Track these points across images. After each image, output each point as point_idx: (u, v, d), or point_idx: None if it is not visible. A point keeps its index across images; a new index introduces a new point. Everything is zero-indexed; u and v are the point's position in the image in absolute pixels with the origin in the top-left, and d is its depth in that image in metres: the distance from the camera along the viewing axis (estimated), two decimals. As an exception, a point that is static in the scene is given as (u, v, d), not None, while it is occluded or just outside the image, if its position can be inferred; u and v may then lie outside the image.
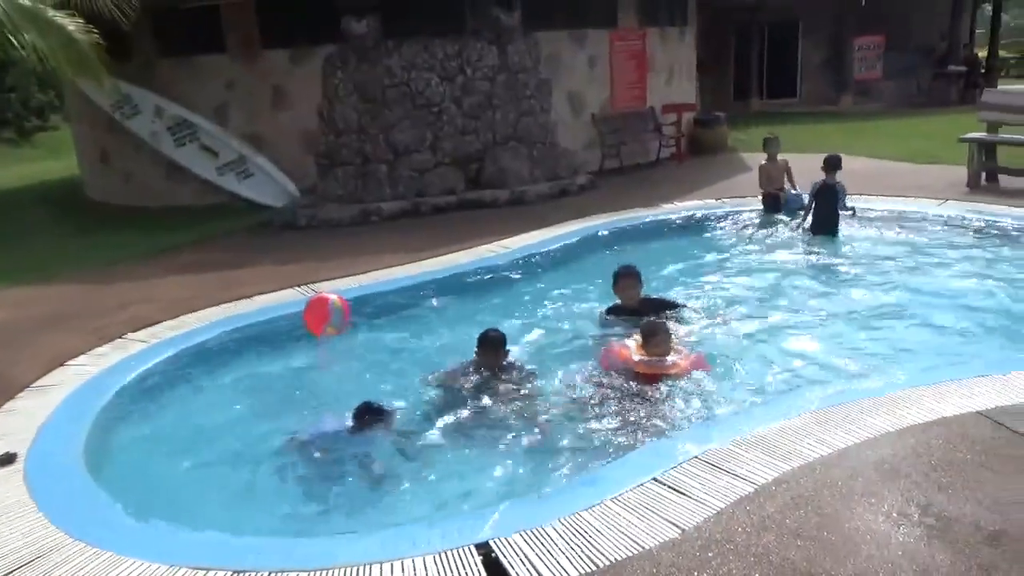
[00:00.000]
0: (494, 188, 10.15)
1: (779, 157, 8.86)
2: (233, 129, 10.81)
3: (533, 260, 7.27)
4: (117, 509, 3.38)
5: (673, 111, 12.93)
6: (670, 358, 4.53)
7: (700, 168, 11.97)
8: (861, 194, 8.84)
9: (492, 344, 4.63)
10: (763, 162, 8.90)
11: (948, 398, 3.79)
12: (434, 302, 6.38)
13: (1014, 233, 7.15)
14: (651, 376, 4.44)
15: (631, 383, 4.44)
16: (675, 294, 6.07)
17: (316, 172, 10.38)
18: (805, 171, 8.55)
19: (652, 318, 4.96)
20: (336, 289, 6.10)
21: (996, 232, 7.26)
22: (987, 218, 7.54)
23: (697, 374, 4.46)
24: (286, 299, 6.23)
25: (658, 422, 4.03)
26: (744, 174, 11.22)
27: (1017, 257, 6.64)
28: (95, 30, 8.62)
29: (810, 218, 7.73)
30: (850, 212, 7.76)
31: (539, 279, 6.92)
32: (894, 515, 2.90)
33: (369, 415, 4.15)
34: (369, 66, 10.10)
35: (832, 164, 7.73)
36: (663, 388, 4.38)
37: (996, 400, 3.74)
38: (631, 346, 4.68)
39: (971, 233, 7.36)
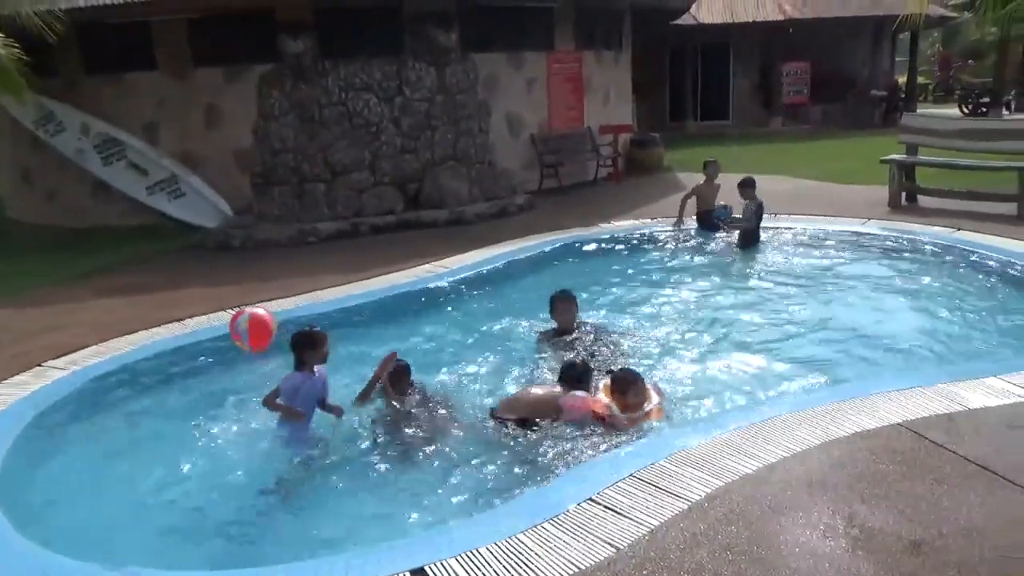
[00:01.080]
0: (433, 208, 10.13)
1: (715, 180, 9.09)
2: (164, 147, 10.55)
3: (472, 280, 7.27)
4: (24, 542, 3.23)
5: (610, 132, 13.17)
6: (647, 405, 4.22)
7: (637, 188, 12.20)
8: (790, 214, 9.14)
9: (399, 372, 4.63)
10: (700, 183, 9.11)
11: (872, 411, 3.92)
12: (372, 323, 6.31)
13: (931, 251, 7.47)
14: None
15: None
16: (611, 313, 6.14)
17: (251, 192, 10.19)
18: (731, 190, 8.82)
19: (593, 349, 4.89)
20: (272, 311, 5.96)
21: (915, 250, 7.58)
22: (907, 236, 7.87)
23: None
24: (219, 322, 6.07)
25: (595, 440, 4.05)
26: (680, 193, 11.47)
27: (934, 274, 6.94)
28: (16, 44, 8.33)
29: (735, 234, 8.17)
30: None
31: (478, 299, 6.92)
32: (821, 527, 2.97)
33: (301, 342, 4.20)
34: (306, 85, 10.00)
35: (751, 184, 8.27)
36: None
37: (917, 412, 3.88)
38: (603, 399, 4.28)
39: (892, 251, 7.66)
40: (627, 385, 4.23)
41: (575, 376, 4.45)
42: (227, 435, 4.46)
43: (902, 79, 24.49)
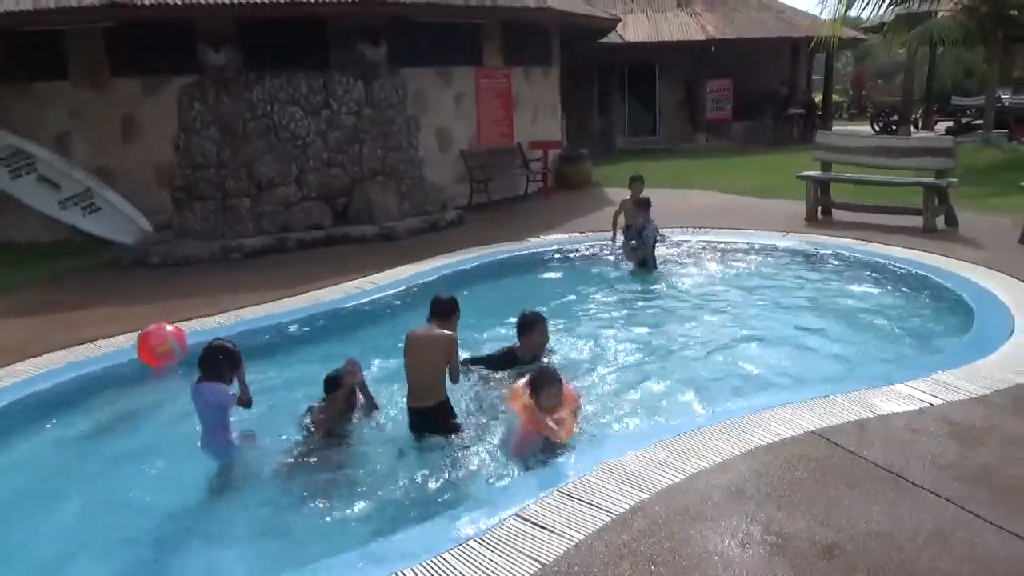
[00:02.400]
0: (362, 223, 10.02)
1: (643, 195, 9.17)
2: (78, 161, 10.14)
3: (402, 295, 7.20)
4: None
5: (540, 147, 13.31)
6: (564, 411, 4.09)
7: (566, 203, 12.34)
8: (714, 227, 9.40)
9: (332, 386, 4.55)
10: (626, 199, 9.18)
11: (789, 420, 4.04)
12: (299, 341, 6.18)
13: (845, 262, 7.79)
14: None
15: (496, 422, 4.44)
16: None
17: (172, 206, 9.87)
18: (658, 206, 9.01)
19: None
20: (193, 329, 5.78)
21: (831, 261, 7.89)
22: (822, 249, 8.19)
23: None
24: (134, 342, 5.83)
25: (517, 454, 4.05)
26: (609, 207, 11.65)
27: (847, 284, 7.23)
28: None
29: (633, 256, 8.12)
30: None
31: (408, 314, 6.83)
32: (739, 535, 3.05)
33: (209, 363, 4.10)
34: (229, 98, 9.76)
35: (647, 205, 8.22)
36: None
37: (830, 420, 4.03)
38: (528, 403, 4.09)
39: (808, 263, 7.95)
40: (544, 383, 4.05)
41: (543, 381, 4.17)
42: (134, 460, 4.29)
43: (819, 97, 25.56)
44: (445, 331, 4.39)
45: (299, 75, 10.04)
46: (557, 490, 3.43)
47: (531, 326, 5.11)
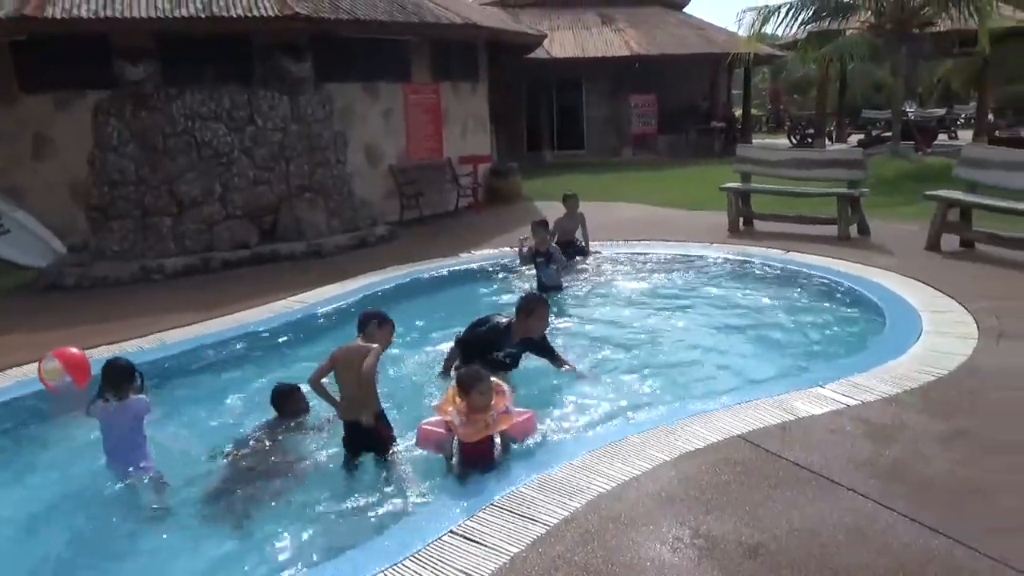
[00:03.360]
0: (290, 241, 9.85)
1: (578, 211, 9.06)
2: (-16, 181, 9.67)
3: (333, 313, 7.10)
4: None
5: (469, 162, 13.36)
6: (494, 413, 3.95)
7: (497, 217, 12.41)
8: (640, 239, 9.61)
9: (278, 397, 4.45)
10: (560, 216, 9.07)
11: (716, 425, 4.15)
12: (224, 363, 6.02)
13: (766, 270, 8.07)
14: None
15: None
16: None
17: (88, 227, 9.50)
18: (587, 218, 9.15)
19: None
20: (112, 354, 5.55)
21: (752, 270, 8.16)
22: (744, 258, 8.46)
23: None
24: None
25: (455, 470, 4.04)
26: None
27: (769, 291, 7.49)
28: None
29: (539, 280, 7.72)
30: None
31: (340, 333, 6.73)
32: (670, 540, 3.11)
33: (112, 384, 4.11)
34: (148, 114, 9.48)
35: (544, 226, 8.12)
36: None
37: (754, 424, 4.16)
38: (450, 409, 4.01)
39: (730, 272, 8.20)
40: (471, 383, 3.93)
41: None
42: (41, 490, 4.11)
43: (739, 111, 26.48)
44: (369, 344, 4.35)
45: (222, 90, 9.84)
46: (491, 504, 3.43)
47: (529, 310, 5.21)
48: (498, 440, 4.06)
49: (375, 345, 4.31)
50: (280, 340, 6.53)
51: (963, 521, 3.17)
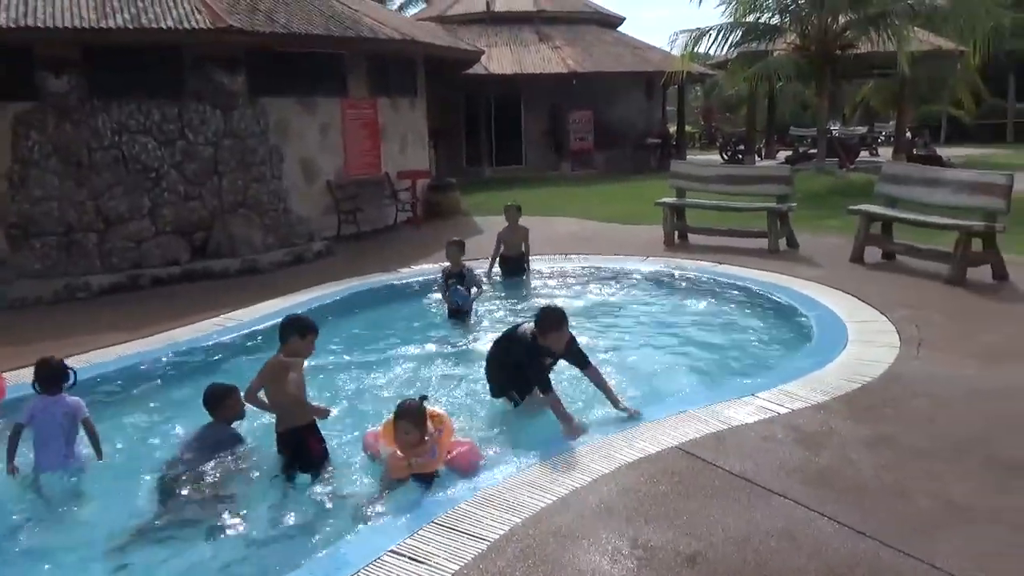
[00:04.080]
0: (223, 257, 9.62)
1: (520, 224, 8.93)
2: None
3: (268, 331, 6.94)
4: None
5: (408, 177, 13.31)
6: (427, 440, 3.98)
7: (436, 232, 12.36)
8: (579, 253, 9.72)
9: (214, 398, 4.46)
10: (502, 228, 8.95)
11: (653, 437, 4.22)
12: (153, 384, 5.83)
13: (701, 283, 8.25)
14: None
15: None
16: (410, 359, 6.14)
17: (6, 244, 9.09)
18: (541, 239, 9.20)
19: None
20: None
21: (687, 283, 8.34)
22: (680, 271, 8.64)
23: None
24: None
25: (391, 487, 4.00)
26: (478, 236, 11.79)
27: (703, 303, 7.67)
28: None
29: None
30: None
31: (274, 350, 6.61)
32: (609, 551, 3.14)
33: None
34: (72, 127, 9.17)
35: (460, 246, 7.60)
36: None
37: (690, 434, 4.24)
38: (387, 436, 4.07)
39: (666, 285, 8.37)
40: (397, 416, 3.97)
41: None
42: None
43: (673, 128, 27.11)
44: (291, 359, 4.29)
45: (151, 103, 9.58)
46: (432, 522, 3.41)
47: (544, 328, 4.66)
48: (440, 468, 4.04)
49: (296, 359, 4.26)
50: (213, 358, 6.36)
51: (888, 523, 3.29)
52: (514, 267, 8.82)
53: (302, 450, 4.22)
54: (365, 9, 13.64)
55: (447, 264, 7.58)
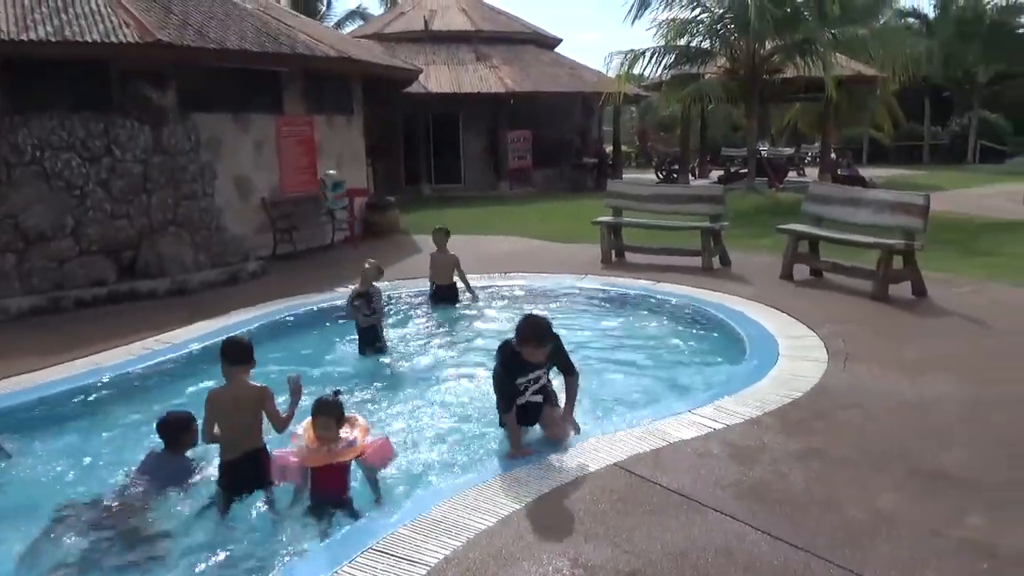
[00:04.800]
0: (152, 278, 9.31)
1: (449, 251, 8.51)
2: None
3: (200, 353, 6.74)
4: None
5: (345, 196, 13.17)
6: (343, 441, 4.05)
7: (374, 251, 12.19)
8: (518, 271, 9.76)
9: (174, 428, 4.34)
10: (433, 252, 8.65)
11: (593, 455, 4.24)
12: (76, 412, 5.58)
13: (639, 300, 8.37)
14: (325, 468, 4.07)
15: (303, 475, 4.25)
16: (336, 376, 6.05)
17: (-84, 265, 8.61)
18: (465, 252, 9.18)
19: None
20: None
21: (625, 300, 8.45)
22: (617, 289, 8.76)
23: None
24: None
25: (331, 515, 3.92)
26: (416, 255, 11.75)
27: (640, 321, 7.79)
28: None
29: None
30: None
31: (208, 375, 6.40)
32: (550, 572, 3.13)
33: None
34: (-11, 142, 8.76)
35: (377, 273, 7.19)
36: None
37: (629, 451, 4.28)
38: (302, 433, 4.13)
39: (604, 303, 8.46)
40: (314, 411, 4.05)
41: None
42: None
43: (610, 147, 27.59)
44: (255, 384, 4.24)
45: (75, 118, 9.24)
46: (371, 548, 3.34)
47: (526, 335, 4.38)
48: (359, 475, 4.08)
49: (262, 385, 4.23)
50: (142, 384, 6.13)
51: (819, 535, 3.38)
52: (444, 294, 8.42)
53: (255, 473, 4.13)
54: (301, 26, 13.52)
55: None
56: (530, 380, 4.49)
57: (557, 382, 4.77)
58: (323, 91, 13.12)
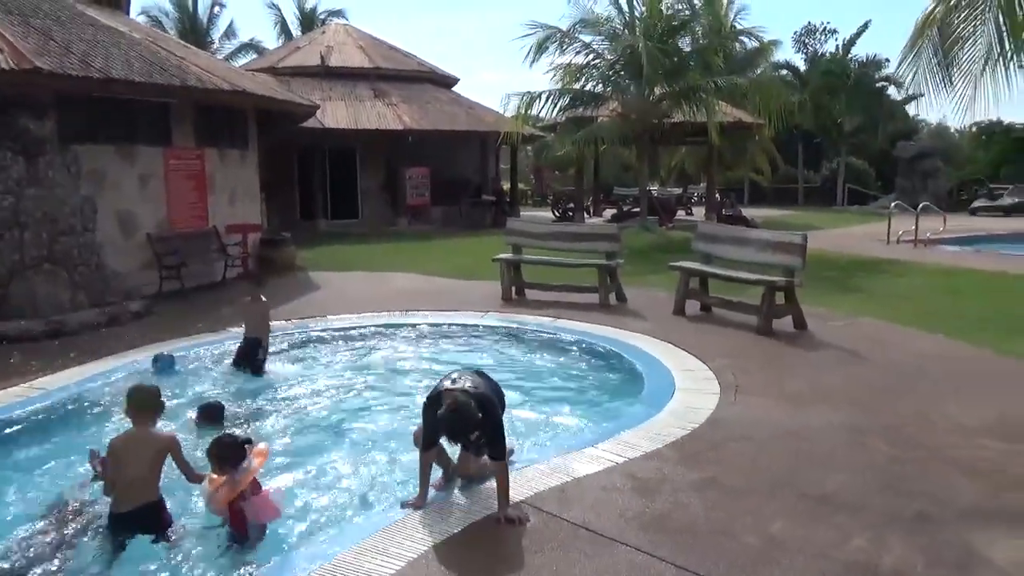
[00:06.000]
0: (24, 319, 8.68)
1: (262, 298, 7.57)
2: None
3: (77, 400, 6.31)
4: None
5: (238, 231, 12.79)
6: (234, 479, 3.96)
7: (269, 288, 11.84)
8: (418, 309, 9.70)
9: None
10: (246, 300, 7.63)
11: (495, 491, 4.23)
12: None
13: (540, 337, 8.48)
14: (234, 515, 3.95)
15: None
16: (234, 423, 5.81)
17: None
18: (361, 289, 9.05)
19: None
20: None
21: (526, 337, 8.54)
22: (518, 326, 8.85)
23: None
24: None
25: (233, 557, 3.74)
26: (314, 293, 11.50)
27: (541, 357, 7.88)
28: None
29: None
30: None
31: (87, 424, 5.99)
32: (459, 616, 3.10)
33: None
34: None
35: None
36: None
37: (536, 488, 4.31)
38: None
39: (504, 340, 8.52)
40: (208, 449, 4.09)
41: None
42: None
43: (508, 185, 28.03)
44: (159, 433, 4.09)
45: (-61, 148, 8.59)
46: (271, 600, 3.21)
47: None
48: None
49: (170, 433, 4.12)
50: (14, 433, 5.66)
51: (718, 562, 3.50)
52: (246, 351, 7.28)
53: (148, 527, 3.93)
54: (192, 57, 13.15)
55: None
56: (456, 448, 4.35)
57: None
58: (215, 124, 12.76)
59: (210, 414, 5.76)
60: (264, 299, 7.55)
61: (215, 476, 4.00)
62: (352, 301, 10.33)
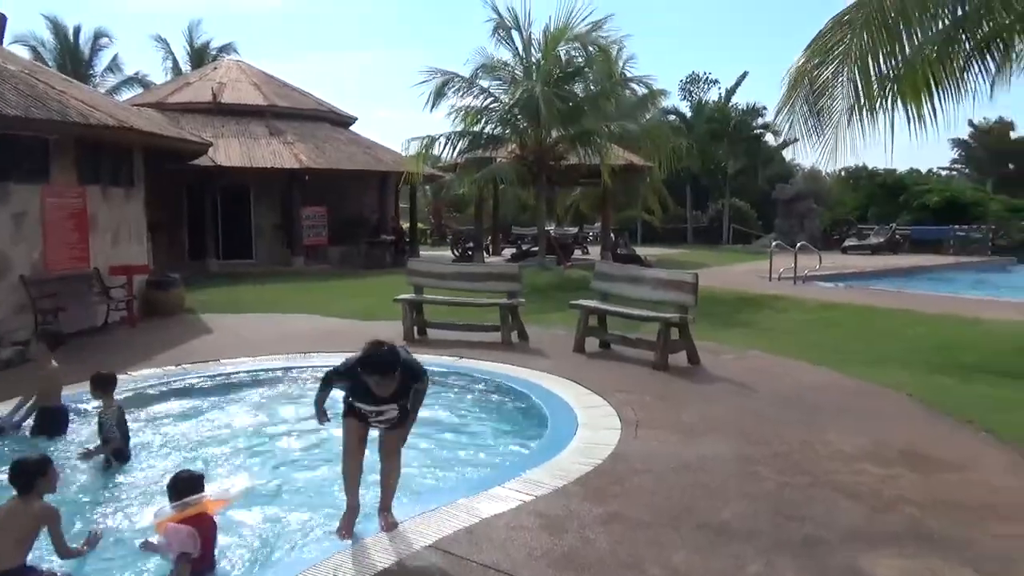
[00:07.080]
0: None
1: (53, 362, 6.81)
2: None
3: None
4: None
5: (122, 273, 12.18)
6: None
7: (156, 332, 11.36)
8: (318, 352, 9.48)
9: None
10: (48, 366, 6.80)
11: (404, 538, 4.18)
12: None
13: (444, 377, 8.40)
14: None
15: None
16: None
17: None
18: (255, 331, 8.78)
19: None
20: None
21: (430, 378, 8.46)
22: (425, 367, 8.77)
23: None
24: None
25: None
26: (205, 336, 11.06)
27: (445, 398, 7.82)
28: None
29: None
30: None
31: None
32: (369, 667, 3.02)
33: None
34: None
35: (105, 383, 6.10)
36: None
37: (443, 531, 4.27)
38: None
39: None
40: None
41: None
42: None
43: (407, 224, 27.96)
44: (30, 506, 3.88)
45: None
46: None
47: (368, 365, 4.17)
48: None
49: (46, 505, 3.93)
50: None
51: (625, 596, 3.57)
52: (47, 420, 6.51)
53: None
54: (73, 90, 12.55)
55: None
56: (373, 412, 4.35)
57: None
58: (99, 161, 12.19)
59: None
60: (55, 364, 6.71)
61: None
62: (246, 344, 9.99)
